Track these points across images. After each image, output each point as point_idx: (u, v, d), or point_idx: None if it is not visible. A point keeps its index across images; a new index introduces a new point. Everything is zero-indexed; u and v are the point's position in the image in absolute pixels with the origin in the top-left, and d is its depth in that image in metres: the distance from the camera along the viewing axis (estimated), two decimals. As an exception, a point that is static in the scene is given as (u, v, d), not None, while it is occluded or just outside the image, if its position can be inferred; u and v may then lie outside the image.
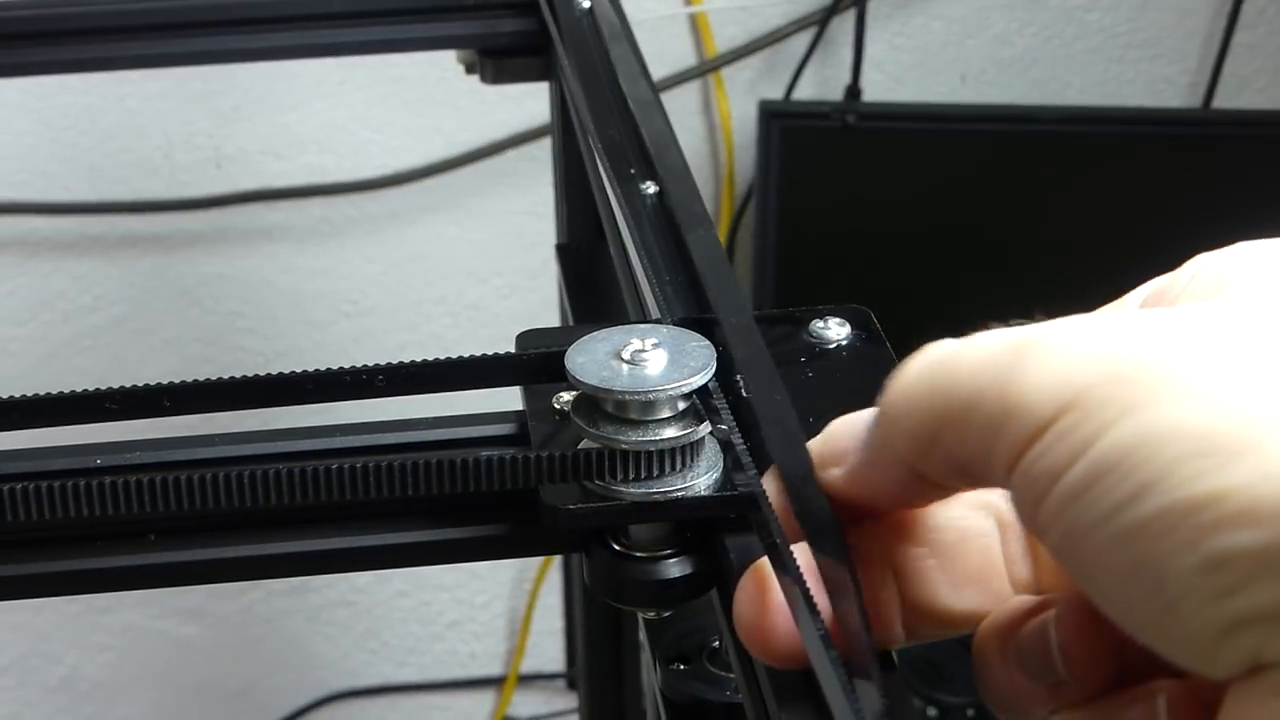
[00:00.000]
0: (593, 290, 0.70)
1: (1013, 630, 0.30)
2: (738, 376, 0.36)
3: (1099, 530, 0.24)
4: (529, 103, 1.10)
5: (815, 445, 0.31)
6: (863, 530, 0.31)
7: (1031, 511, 0.26)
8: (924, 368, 0.28)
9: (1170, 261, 0.30)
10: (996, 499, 0.32)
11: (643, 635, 0.53)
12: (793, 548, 0.30)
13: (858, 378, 0.38)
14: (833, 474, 0.31)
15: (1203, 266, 0.29)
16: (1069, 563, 0.25)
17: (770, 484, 0.32)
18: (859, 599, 0.29)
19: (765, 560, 0.31)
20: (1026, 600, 0.31)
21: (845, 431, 0.31)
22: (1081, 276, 1.10)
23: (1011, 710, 0.30)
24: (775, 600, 0.30)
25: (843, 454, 0.31)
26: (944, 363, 0.28)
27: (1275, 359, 0.24)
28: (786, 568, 0.29)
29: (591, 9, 0.63)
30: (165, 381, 0.37)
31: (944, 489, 0.30)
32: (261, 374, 0.37)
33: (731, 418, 0.35)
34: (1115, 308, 0.30)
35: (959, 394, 0.27)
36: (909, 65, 1.16)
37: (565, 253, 0.74)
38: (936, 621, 0.31)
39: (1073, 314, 0.31)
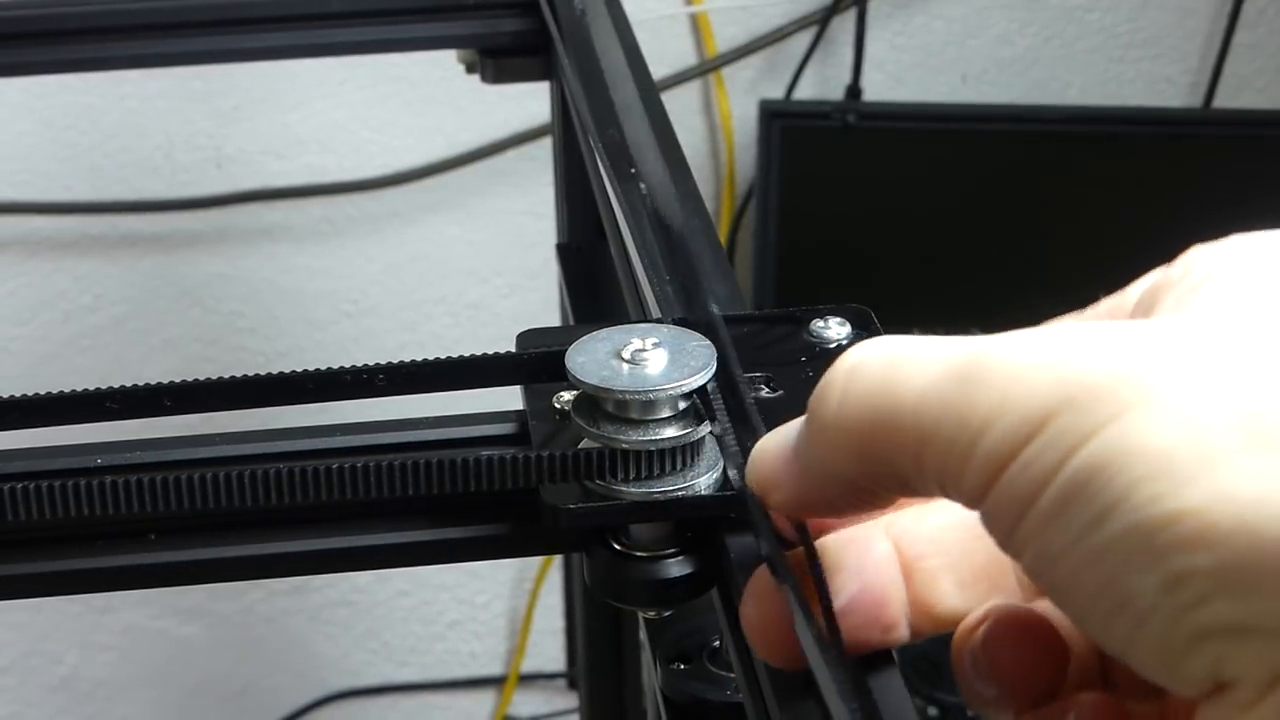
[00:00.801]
0: (593, 290, 0.70)
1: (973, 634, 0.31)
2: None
3: (1070, 552, 0.24)
4: (529, 102, 1.10)
5: (747, 477, 0.31)
6: (866, 528, 0.31)
7: (1006, 537, 0.26)
8: (860, 391, 0.27)
9: (1169, 261, 0.30)
10: None
11: (643, 635, 0.53)
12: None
13: (858, 377, 0.38)
14: (774, 500, 0.30)
15: (1194, 263, 0.28)
16: (1044, 583, 0.26)
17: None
18: (826, 602, 0.29)
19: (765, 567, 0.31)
20: (994, 605, 0.31)
21: (771, 456, 0.30)
22: (1081, 276, 1.09)
23: (981, 709, 0.31)
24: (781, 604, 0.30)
25: (776, 482, 0.30)
26: (883, 387, 0.27)
27: (1237, 374, 0.24)
28: (779, 571, 0.29)
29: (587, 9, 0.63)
30: (165, 381, 0.37)
31: (886, 501, 0.29)
32: (261, 374, 0.37)
33: (728, 417, 0.35)
34: (1116, 300, 0.30)
35: (905, 422, 0.26)
36: (910, 65, 1.16)
37: (565, 252, 0.74)
38: (944, 621, 0.31)
39: (1073, 313, 0.31)
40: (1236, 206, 1.09)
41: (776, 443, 0.30)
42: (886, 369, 0.27)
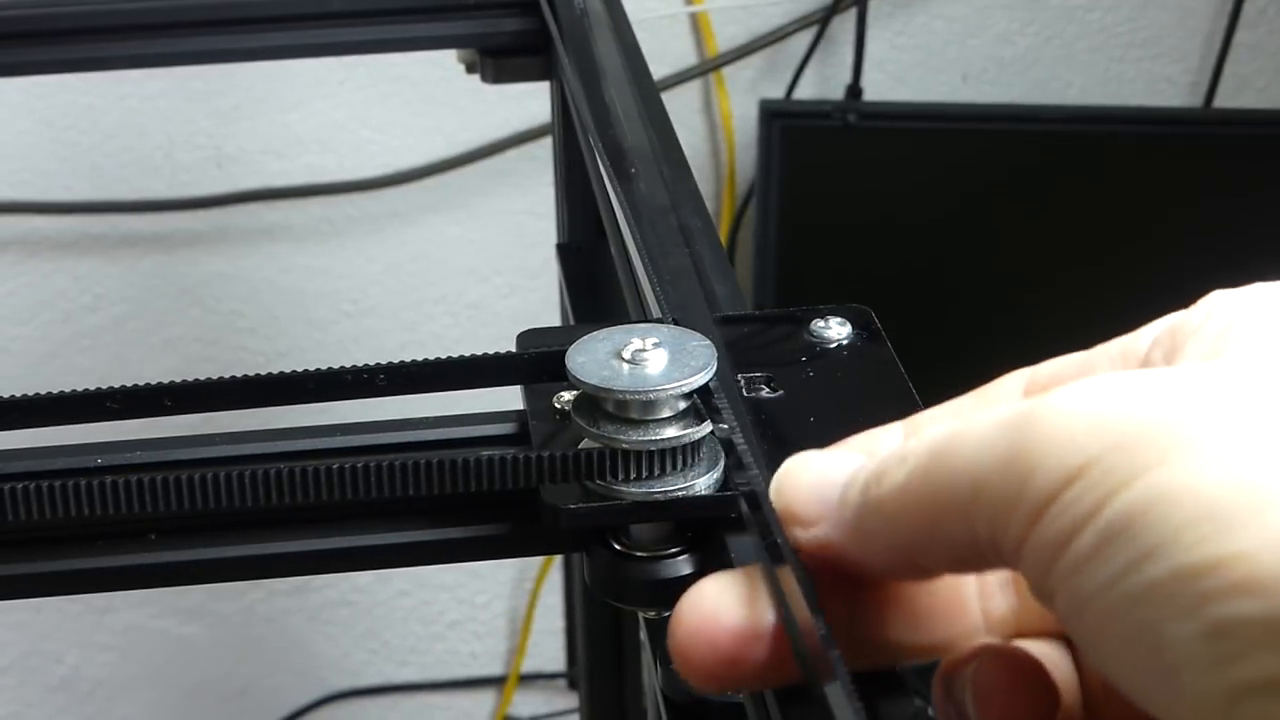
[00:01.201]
0: (593, 290, 0.70)
1: (954, 675, 0.30)
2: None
3: (1103, 595, 0.24)
4: (529, 102, 1.10)
5: (772, 496, 0.30)
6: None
7: (1040, 580, 0.25)
8: (918, 462, 0.27)
9: (1169, 262, 0.30)
10: None
11: (643, 635, 0.53)
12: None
13: (859, 377, 0.38)
14: (795, 534, 0.29)
15: (1216, 308, 0.28)
16: (1074, 629, 0.25)
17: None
18: (816, 605, 0.28)
19: (718, 578, 0.30)
20: (984, 643, 0.30)
21: (811, 496, 0.29)
22: (1082, 276, 1.09)
23: None
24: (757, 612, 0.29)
25: (808, 520, 0.29)
26: (939, 454, 0.27)
27: None
28: (792, 566, 0.29)
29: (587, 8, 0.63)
30: (165, 381, 0.37)
31: (931, 573, 0.29)
32: (261, 374, 0.37)
33: (733, 417, 0.35)
34: (1128, 342, 0.30)
35: (961, 483, 0.26)
36: (910, 64, 1.16)
37: (566, 252, 0.74)
38: (886, 654, 0.30)
39: (1079, 353, 0.30)
40: (1237, 206, 1.09)
41: (818, 479, 0.29)
42: (948, 439, 0.27)
